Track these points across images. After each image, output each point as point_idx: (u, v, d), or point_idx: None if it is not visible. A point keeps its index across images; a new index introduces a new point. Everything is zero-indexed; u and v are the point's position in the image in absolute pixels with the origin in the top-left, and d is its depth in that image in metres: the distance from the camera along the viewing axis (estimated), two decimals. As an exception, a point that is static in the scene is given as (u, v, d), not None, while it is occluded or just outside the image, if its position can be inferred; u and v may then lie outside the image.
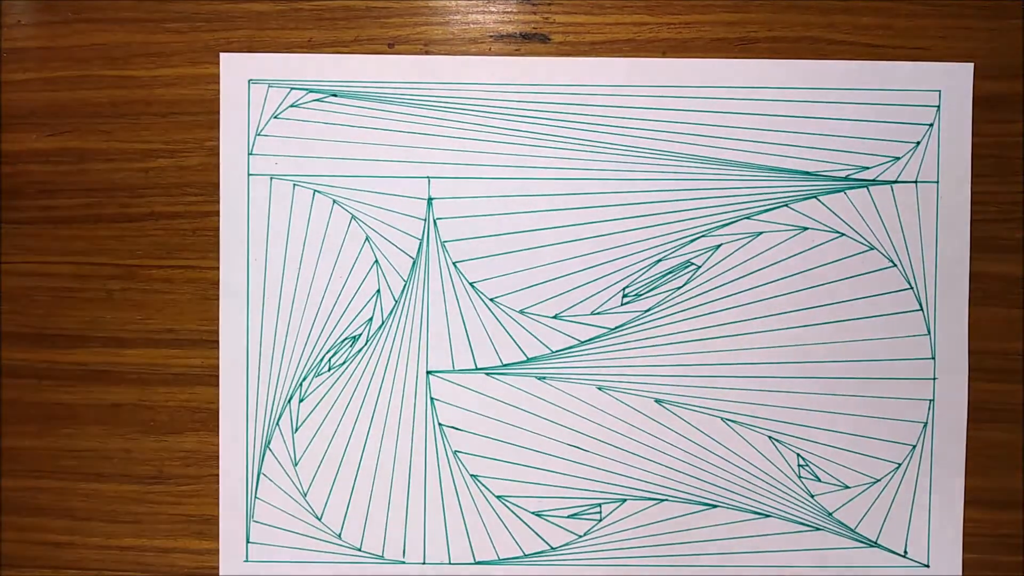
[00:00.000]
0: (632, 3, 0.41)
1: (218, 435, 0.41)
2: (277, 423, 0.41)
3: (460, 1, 0.41)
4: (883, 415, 0.41)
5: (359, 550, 0.42)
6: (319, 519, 0.42)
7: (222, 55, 0.41)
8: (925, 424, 0.41)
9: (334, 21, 0.41)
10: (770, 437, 0.42)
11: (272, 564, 0.41)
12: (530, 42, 0.41)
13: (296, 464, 0.42)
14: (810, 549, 0.41)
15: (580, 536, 0.42)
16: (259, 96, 0.41)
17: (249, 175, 0.41)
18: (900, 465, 0.41)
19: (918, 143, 0.41)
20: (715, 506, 0.42)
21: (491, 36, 0.41)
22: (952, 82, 0.41)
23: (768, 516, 0.42)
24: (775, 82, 0.41)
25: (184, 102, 0.41)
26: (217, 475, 0.41)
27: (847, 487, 0.42)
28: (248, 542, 0.41)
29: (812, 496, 0.42)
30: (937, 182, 0.41)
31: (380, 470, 0.41)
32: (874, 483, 0.42)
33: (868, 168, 0.41)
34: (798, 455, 0.42)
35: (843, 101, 0.41)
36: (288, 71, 0.41)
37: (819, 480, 0.42)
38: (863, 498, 0.42)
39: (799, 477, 0.42)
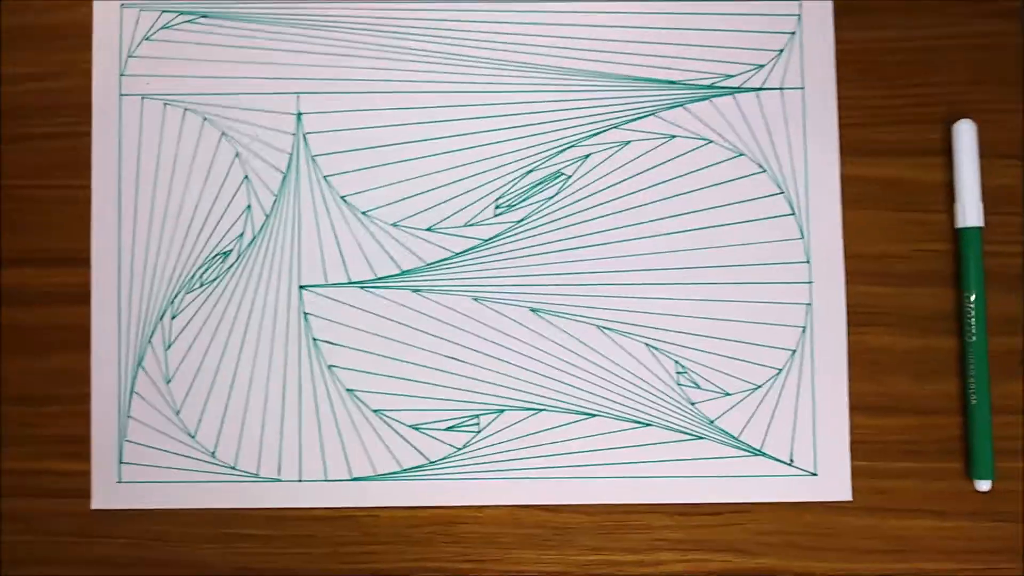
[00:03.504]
0: (497, -77, 0.42)
1: (90, 355, 0.41)
2: (149, 340, 0.41)
3: (329, -76, 0.42)
4: (761, 320, 0.41)
5: (233, 468, 0.41)
6: (192, 437, 0.41)
7: (96, -20, 0.42)
8: (804, 328, 0.41)
9: (205, -55, 0.42)
10: (647, 344, 0.41)
11: (144, 485, 0.41)
12: (398, -39, 0.42)
13: (169, 382, 0.41)
14: (692, 459, 0.41)
15: (458, 449, 0.41)
16: (131, 19, 0.42)
17: (121, 95, 0.42)
18: (781, 371, 0.41)
19: (781, 51, 0.42)
20: (594, 415, 0.41)
21: (359, -44, 0.42)
22: (813, -10, 0.42)
23: (648, 425, 0.41)
24: (640, -5, 0.42)
25: (59, 26, 0.42)
26: (88, 395, 0.41)
27: (728, 394, 0.41)
28: (120, 462, 0.41)
29: (692, 404, 0.41)
30: (803, 88, 0.42)
31: (253, 387, 0.41)
32: (755, 389, 0.41)
33: (733, 76, 0.42)
34: (676, 362, 0.41)
35: (706, 12, 0.42)
36: (161, -6, 0.42)
37: (699, 387, 0.41)
38: (745, 405, 0.41)
39: (678, 385, 0.41)
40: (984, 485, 0.40)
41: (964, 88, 0.41)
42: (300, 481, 0.41)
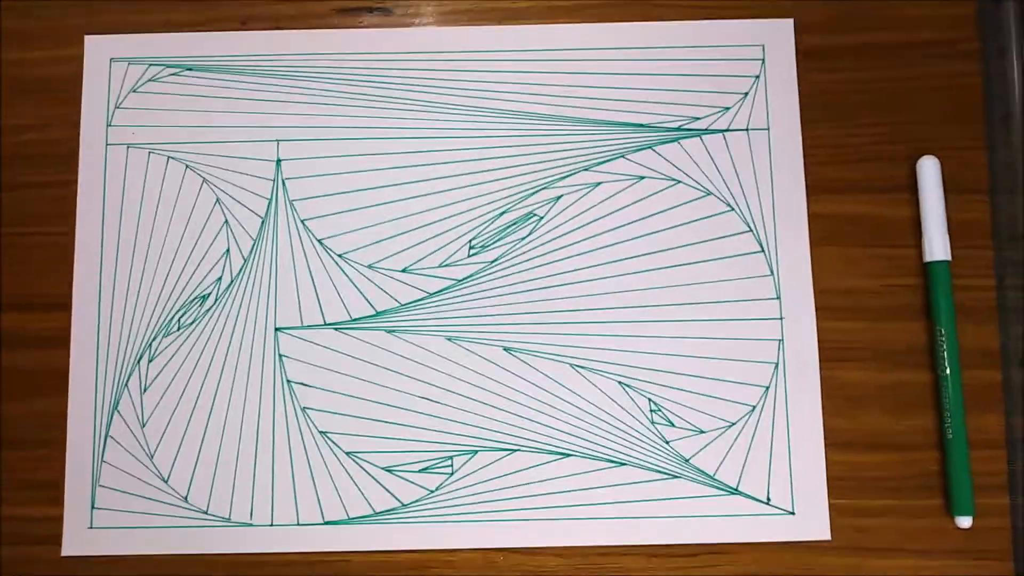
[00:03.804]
0: (469, -21, 0.44)
1: (68, 399, 0.41)
2: (126, 384, 0.41)
3: (308, -18, 0.44)
4: (733, 357, 0.41)
5: (205, 513, 0.40)
6: (165, 481, 0.41)
7: (87, 37, 0.44)
8: (776, 365, 0.41)
9: (190, 4, 0.44)
10: (620, 383, 0.41)
11: (116, 531, 0.40)
12: (374, 14, 0.44)
13: (144, 425, 0.41)
14: (668, 498, 0.40)
15: (431, 491, 0.41)
16: (119, 73, 0.44)
17: (107, 145, 0.43)
18: (755, 408, 0.41)
19: (746, 94, 0.43)
20: (568, 455, 0.41)
21: (336, 11, 0.44)
22: (774, 36, 0.43)
23: (623, 464, 0.41)
24: (606, 44, 0.43)
25: (51, 79, 0.44)
26: (64, 440, 0.41)
27: (702, 432, 0.41)
28: (93, 508, 0.41)
29: (667, 442, 0.41)
30: (768, 129, 0.43)
31: (227, 430, 0.41)
32: (730, 426, 0.41)
33: (700, 119, 0.43)
34: (650, 400, 0.41)
35: (672, 58, 0.43)
36: (147, 49, 0.44)
37: (673, 425, 0.41)
38: (720, 443, 0.41)
39: (652, 423, 0.41)
40: (965, 522, 0.39)
41: (926, 126, 0.42)
42: (272, 526, 0.40)
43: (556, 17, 0.44)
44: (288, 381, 0.41)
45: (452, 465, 0.41)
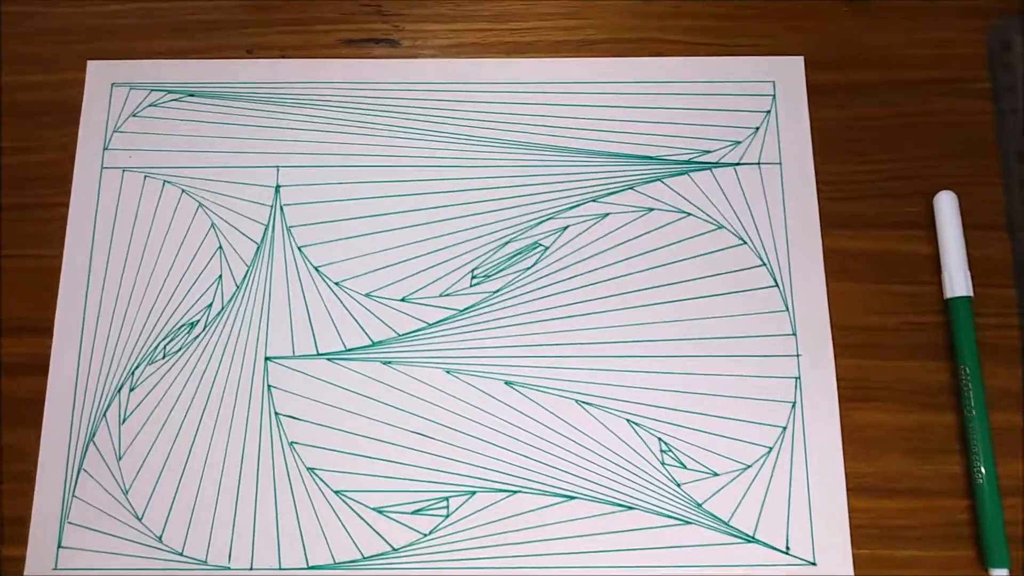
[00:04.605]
0: (477, 12, 0.44)
1: (41, 429, 0.39)
2: (104, 414, 0.39)
3: (316, 13, 0.44)
4: (748, 395, 0.39)
5: (181, 555, 0.37)
6: (139, 520, 0.38)
7: (89, 62, 0.43)
8: (793, 404, 0.39)
9: (195, 32, 0.44)
10: (628, 420, 0.39)
11: (83, 573, 0.37)
12: (380, 46, 0.44)
13: (120, 459, 0.39)
14: (679, 546, 0.37)
15: (425, 535, 0.38)
16: (120, 97, 0.43)
17: (103, 168, 0.42)
18: (771, 449, 0.38)
19: (757, 128, 0.42)
20: (573, 498, 0.38)
21: (343, 42, 0.44)
22: (785, 73, 0.43)
23: (632, 508, 0.38)
24: (616, 77, 0.43)
25: (50, 103, 0.43)
26: (34, 473, 0.38)
27: (716, 474, 0.38)
28: (59, 547, 0.38)
29: (678, 485, 0.38)
30: (780, 164, 0.42)
31: (209, 465, 0.38)
32: (745, 469, 0.38)
33: (710, 152, 0.42)
34: (660, 440, 0.39)
35: (682, 92, 0.43)
36: (150, 75, 0.43)
37: (685, 467, 0.38)
38: (735, 487, 0.38)
39: (663, 464, 0.38)
40: (1000, 574, 0.36)
41: (940, 162, 0.42)
42: (252, 570, 0.37)
43: (564, 51, 0.43)
44: (276, 413, 0.39)
45: (448, 507, 0.38)
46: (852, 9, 0.44)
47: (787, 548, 0.37)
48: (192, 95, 0.43)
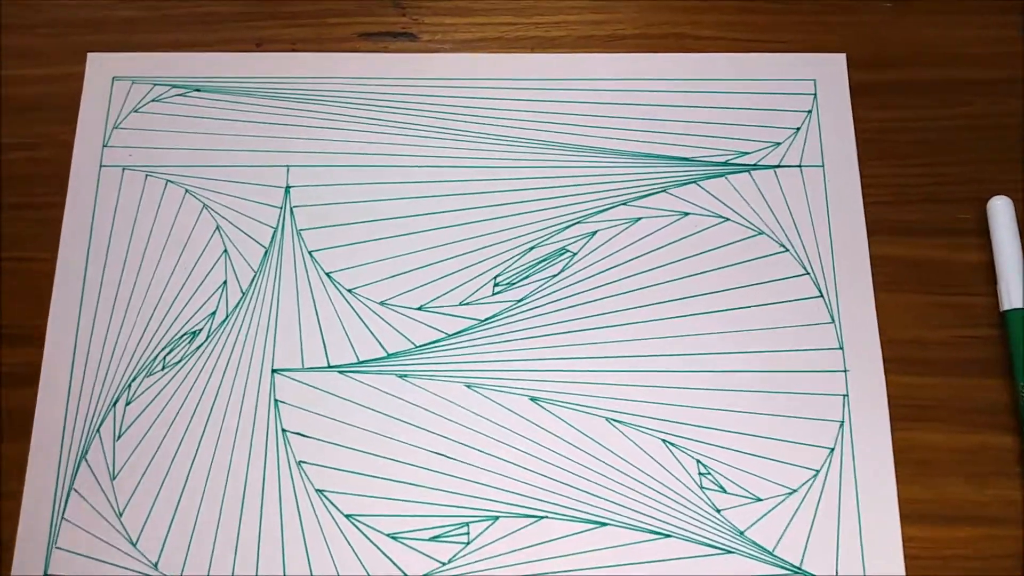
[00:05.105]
0: (500, 5, 0.42)
1: (29, 445, 0.36)
2: (98, 430, 0.36)
3: (330, 4, 0.42)
4: (793, 413, 0.36)
5: (177, 584, 0.35)
6: (134, 544, 0.35)
7: (89, 55, 0.41)
8: (842, 423, 0.36)
9: (201, 24, 0.41)
10: (664, 440, 0.36)
11: (70, 603, 0.34)
12: (398, 40, 0.41)
13: (114, 478, 0.36)
14: (721, 577, 0.34)
15: (444, 563, 0.35)
16: (121, 92, 0.40)
17: (101, 166, 0.39)
18: (819, 472, 0.36)
19: (798, 129, 0.40)
20: (603, 524, 0.35)
21: (359, 36, 0.41)
22: (826, 71, 0.41)
23: (667, 536, 0.35)
24: (647, 74, 0.41)
25: (49, 97, 0.40)
26: (20, 493, 0.35)
27: (759, 499, 0.35)
28: (46, 574, 0.35)
29: (718, 511, 0.35)
30: (823, 166, 0.39)
31: (210, 485, 0.35)
32: (791, 494, 0.35)
33: (748, 153, 0.40)
34: (698, 462, 0.36)
35: (717, 91, 0.40)
36: (154, 69, 0.41)
37: (725, 491, 0.35)
38: (779, 513, 0.35)
39: (701, 488, 0.36)
40: (1073, 611, 0.33)
41: (991, 165, 0.39)
42: (256, 600, 0.34)
43: (591, 47, 0.41)
44: (283, 430, 0.36)
45: (468, 533, 0.35)
46: (894, 5, 0.42)
47: (837, 580, 0.34)
48: (198, 90, 0.40)
